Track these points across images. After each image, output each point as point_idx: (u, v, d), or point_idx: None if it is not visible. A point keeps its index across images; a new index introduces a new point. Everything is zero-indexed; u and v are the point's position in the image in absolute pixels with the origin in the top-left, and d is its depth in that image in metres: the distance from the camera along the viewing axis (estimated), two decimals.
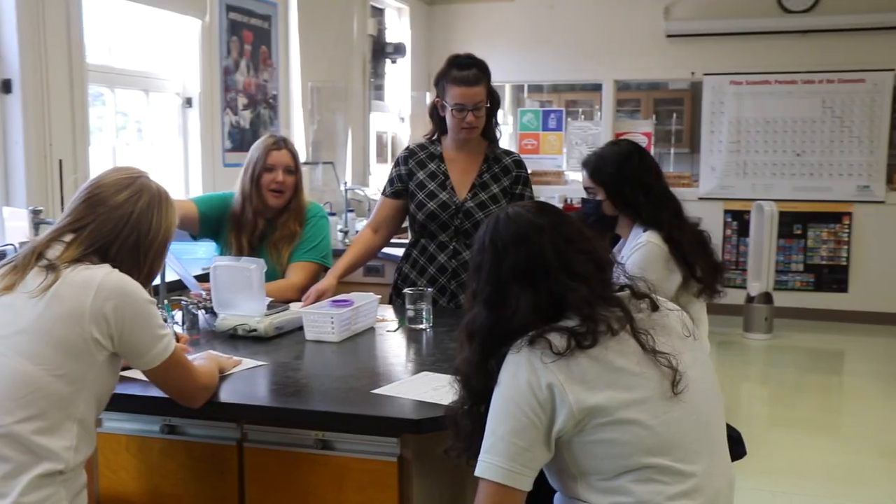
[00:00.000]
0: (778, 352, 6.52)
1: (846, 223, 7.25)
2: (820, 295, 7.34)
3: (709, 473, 1.56)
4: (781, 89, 7.25)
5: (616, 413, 1.50)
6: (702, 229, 2.67)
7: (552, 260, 1.59)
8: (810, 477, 4.01)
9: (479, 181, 3.03)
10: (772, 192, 7.28)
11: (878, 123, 7.10)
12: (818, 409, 5.25)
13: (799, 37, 7.15)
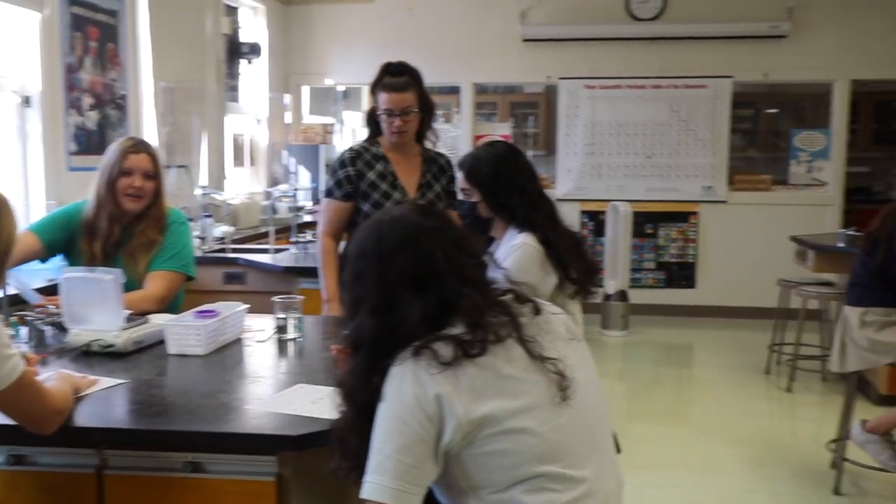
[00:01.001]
0: (634, 347, 6.76)
1: (693, 222, 7.60)
2: (671, 291, 7.66)
3: (599, 476, 1.54)
4: (632, 94, 7.53)
5: (505, 422, 1.46)
6: (575, 231, 2.71)
7: (441, 264, 1.53)
8: (671, 468, 4.15)
9: (424, 181, 3.16)
10: (625, 192, 7.54)
11: (720, 127, 7.48)
12: (673, 402, 5.46)
13: (647, 43, 7.45)
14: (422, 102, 3.08)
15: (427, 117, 3.15)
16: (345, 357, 1.61)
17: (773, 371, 5.80)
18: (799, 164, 7.62)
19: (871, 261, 3.64)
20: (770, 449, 4.40)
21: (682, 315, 7.57)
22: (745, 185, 7.66)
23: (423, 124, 3.14)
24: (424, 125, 3.16)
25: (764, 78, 7.48)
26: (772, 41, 7.30)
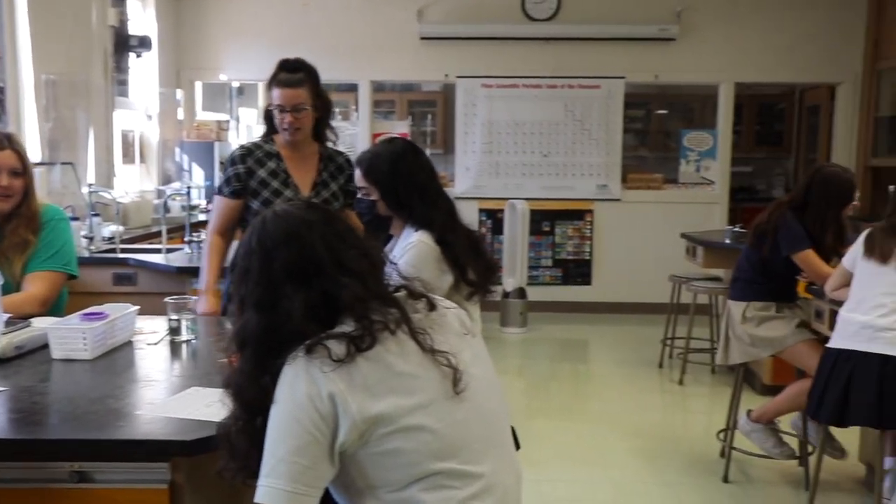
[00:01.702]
0: (532, 344, 6.85)
1: (588, 220, 7.76)
2: (567, 288, 7.81)
3: (497, 471, 1.54)
4: (529, 93, 7.63)
5: (401, 420, 1.44)
6: (474, 230, 2.70)
7: (324, 256, 1.52)
8: (569, 462, 4.22)
9: (320, 179, 3.11)
10: (522, 191, 7.63)
11: (613, 127, 7.66)
12: (571, 397, 5.56)
13: (543, 43, 7.56)
14: (316, 100, 3.04)
15: (324, 115, 3.11)
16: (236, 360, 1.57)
17: (665, 364, 5.98)
18: (688, 164, 7.88)
19: (757, 254, 3.79)
20: (663, 440, 4.53)
21: (579, 311, 7.72)
22: (638, 184, 7.87)
23: (320, 122, 3.09)
24: (322, 123, 3.11)
25: (654, 79, 7.70)
26: (661, 43, 7.52)
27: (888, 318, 2.83)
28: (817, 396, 3.00)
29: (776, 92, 9.80)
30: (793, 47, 7.52)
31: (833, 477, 3.93)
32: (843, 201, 3.61)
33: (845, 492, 3.80)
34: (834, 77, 7.67)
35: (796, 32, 7.51)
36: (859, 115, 7.63)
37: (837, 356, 2.94)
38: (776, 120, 10.10)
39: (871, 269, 2.94)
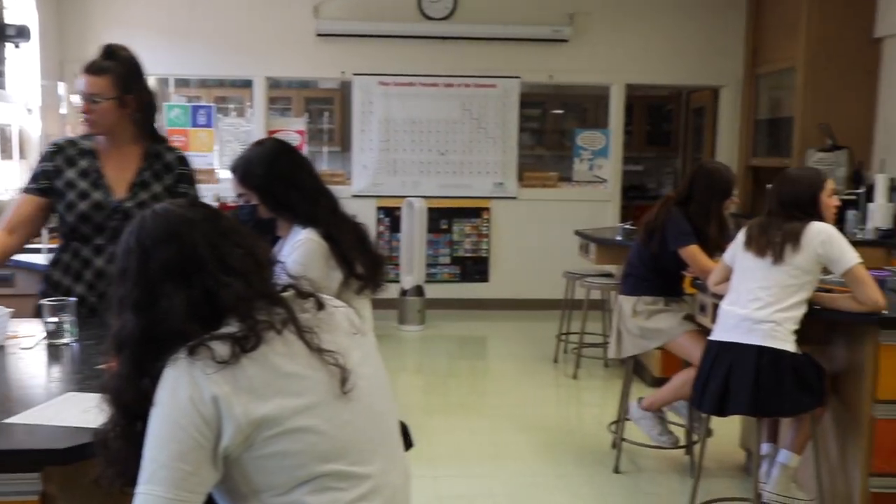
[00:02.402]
0: (430, 341, 6.86)
1: (486, 218, 7.83)
2: (465, 285, 7.86)
3: (385, 472, 1.53)
4: (426, 91, 7.64)
5: (287, 422, 1.41)
6: (360, 223, 2.66)
7: (206, 254, 1.47)
8: (467, 458, 4.25)
9: (139, 179, 2.80)
10: (420, 189, 7.64)
11: (509, 126, 7.76)
12: (468, 393, 5.60)
13: (439, 42, 7.59)
14: (125, 94, 2.73)
15: (145, 112, 2.81)
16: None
17: (560, 359, 6.08)
18: (582, 162, 8.04)
19: (646, 250, 3.90)
20: (558, 433, 4.61)
21: (477, 308, 7.79)
22: (534, 182, 7.99)
23: (145, 119, 2.81)
24: (147, 119, 2.82)
25: (549, 79, 7.83)
26: (555, 44, 7.65)
27: (764, 310, 2.95)
28: (700, 387, 3.10)
29: (665, 94, 10.11)
30: (679, 51, 7.78)
31: (716, 464, 4.08)
32: (724, 194, 3.78)
33: (728, 477, 3.95)
34: (717, 80, 7.97)
35: (682, 37, 7.76)
36: (740, 117, 7.95)
37: (718, 348, 3.05)
38: (665, 120, 10.42)
39: (749, 264, 3.06)
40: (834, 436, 3.26)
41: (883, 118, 6.77)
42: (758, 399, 2.92)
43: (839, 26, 6.74)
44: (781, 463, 3.17)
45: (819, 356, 3.18)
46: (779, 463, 3.18)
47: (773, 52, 7.47)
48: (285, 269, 1.65)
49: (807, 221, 2.98)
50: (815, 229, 2.96)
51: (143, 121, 2.81)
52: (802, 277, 2.94)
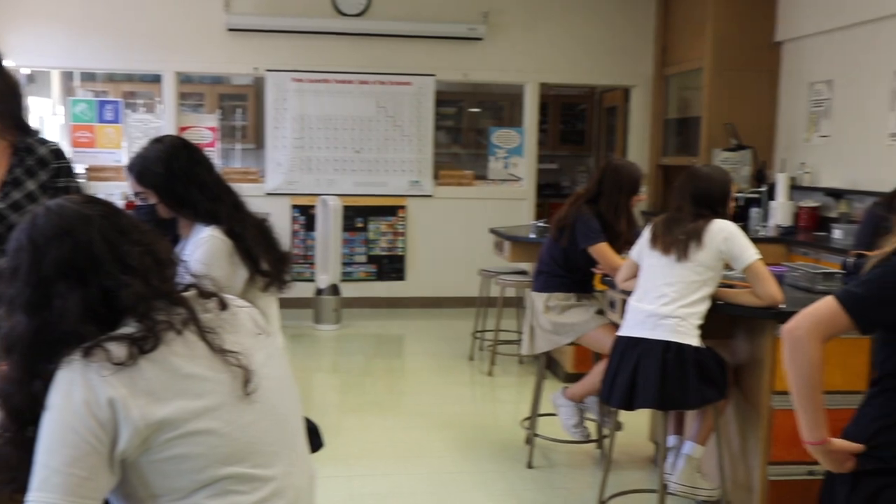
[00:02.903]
0: (346, 340, 6.82)
1: (401, 216, 7.82)
2: (381, 284, 7.84)
3: (289, 473, 1.51)
4: (340, 88, 7.59)
5: (186, 425, 1.38)
6: (264, 219, 2.61)
7: (102, 252, 1.43)
8: (382, 457, 4.23)
9: (10, 178, 2.55)
10: (335, 187, 7.58)
11: (425, 124, 7.77)
12: (385, 391, 5.58)
13: (354, 39, 7.54)
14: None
15: (12, 101, 2.55)
16: None
17: (476, 357, 6.12)
18: (497, 161, 8.11)
19: (558, 247, 3.96)
20: (473, 430, 4.64)
21: (393, 307, 7.77)
22: (450, 180, 8.01)
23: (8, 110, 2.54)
24: (11, 110, 2.55)
25: (464, 77, 7.87)
26: (470, 43, 7.69)
27: (669, 306, 3.03)
28: (609, 382, 3.16)
29: (578, 93, 10.28)
30: (591, 51, 7.91)
31: (626, 457, 4.17)
32: (632, 190, 3.87)
33: (637, 469, 4.04)
34: (628, 80, 8.14)
35: (595, 37, 7.90)
36: (650, 116, 8.14)
37: (626, 343, 3.12)
38: (579, 119, 10.59)
39: (655, 261, 3.13)
40: (736, 427, 3.37)
41: (783, 119, 7.03)
42: (664, 393, 2.99)
43: (742, 30, 6.96)
44: (686, 454, 3.25)
45: (722, 350, 3.27)
46: (684, 454, 3.26)
47: (681, 54, 7.67)
48: (188, 269, 1.61)
49: (710, 219, 3.06)
50: (718, 227, 3.05)
51: (7, 112, 2.53)
52: (706, 274, 3.03)
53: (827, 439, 2.00)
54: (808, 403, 2.00)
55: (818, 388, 1.99)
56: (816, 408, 2.00)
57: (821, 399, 2.01)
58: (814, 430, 2.01)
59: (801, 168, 6.58)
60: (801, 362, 1.99)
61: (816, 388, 1.99)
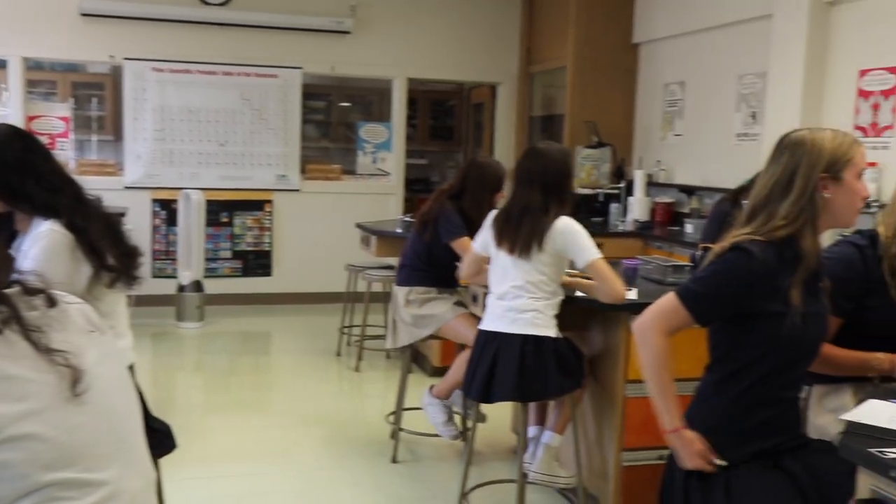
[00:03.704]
0: (211, 339, 6.64)
1: (268, 210, 7.68)
2: (247, 280, 7.67)
3: (123, 476, 1.44)
4: (203, 79, 7.37)
5: (7, 430, 1.30)
6: (111, 212, 2.49)
7: None
8: (246, 457, 4.14)
9: None
10: (198, 180, 7.36)
11: (291, 117, 7.65)
12: (251, 390, 5.47)
13: (217, 29, 7.34)
14: None
15: None
16: None
17: (343, 353, 6.08)
18: (365, 155, 8.08)
19: (421, 242, 3.97)
20: (340, 426, 4.61)
21: (260, 303, 7.62)
22: (317, 175, 7.92)
23: None
24: None
25: (331, 71, 7.79)
26: (338, 36, 7.62)
27: (525, 301, 3.06)
28: (470, 375, 3.20)
29: (447, 89, 10.35)
30: (459, 47, 7.99)
31: (490, 448, 4.24)
32: (495, 187, 3.91)
33: (500, 460, 4.11)
34: (494, 77, 8.27)
35: (462, 34, 7.98)
36: (516, 113, 8.30)
37: (486, 337, 3.15)
38: (448, 115, 10.68)
39: (504, 260, 3.11)
40: (592, 416, 3.48)
41: (641, 118, 7.31)
42: (523, 385, 3.04)
43: (602, 31, 7.19)
44: (545, 443, 3.33)
45: (579, 341, 3.37)
46: (543, 444, 3.34)
47: (545, 52, 7.85)
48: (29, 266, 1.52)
49: (554, 214, 3.06)
50: (559, 227, 3.04)
51: None
52: (553, 269, 3.07)
53: (680, 428, 2.09)
54: (660, 392, 2.10)
55: (668, 377, 2.09)
56: (668, 397, 2.09)
57: (672, 388, 2.10)
58: (665, 418, 2.10)
59: (657, 165, 6.85)
60: (649, 354, 2.08)
61: (666, 378, 2.09)
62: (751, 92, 5.88)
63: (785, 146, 2.09)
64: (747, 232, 2.06)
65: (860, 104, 4.93)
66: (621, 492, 3.28)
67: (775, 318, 2.02)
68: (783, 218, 2.03)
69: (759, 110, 5.73)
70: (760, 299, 2.02)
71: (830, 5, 5.11)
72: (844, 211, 2.07)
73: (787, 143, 2.10)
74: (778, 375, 2.09)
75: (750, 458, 2.08)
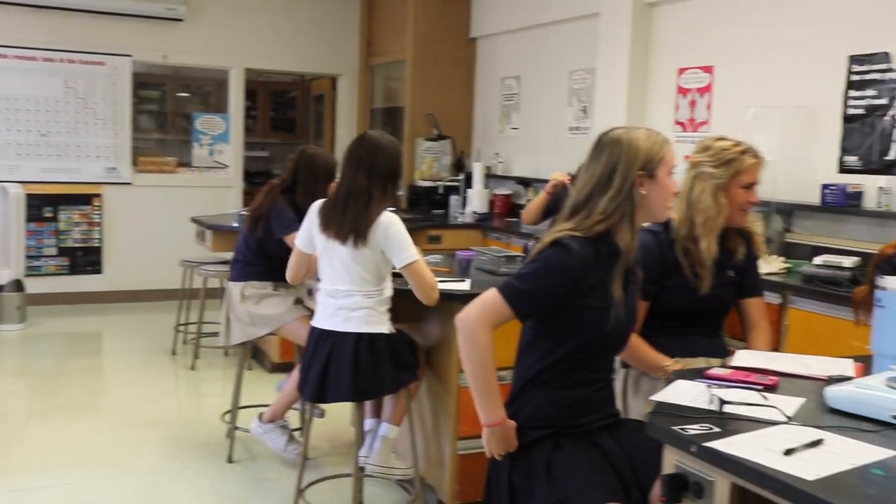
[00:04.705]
0: (34, 341, 6.26)
1: (97, 205, 7.31)
2: (75, 278, 7.28)
3: None
4: (22, 65, 6.93)
5: None
6: None
7: None
8: (75, 464, 3.92)
9: None
10: (17, 173, 6.92)
11: (121, 107, 7.31)
12: (80, 394, 5.18)
13: (37, 12, 6.90)
14: None
15: None
16: None
17: (179, 351, 5.88)
18: (201, 147, 7.83)
19: (253, 236, 3.89)
20: (176, 427, 4.46)
21: (89, 302, 7.24)
22: (150, 167, 7.62)
23: None
24: None
25: (163, 59, 7.51)
26: (170, 23, 7.34)
27: (356, 298, 3.03)
28: (304, 374, 3.15)
29: (288, 80, 10.18)
30: (299, 38, 7.88)
31: (329, 443, 4.22)
32: (328, 177, 3.86)
33: (339, 454, 4.08)
34: (335, 69, 8.21)
35: (302, 24, 7.87)
36: (358, 105, 8.26)
37: (319, 335, 3.11)
38: (289, 107, 10.51)
39: (333, 259, 3.05)
40: (429, 406, 3.52)
41: (479, 111, 7.45)
42: (357, 384, 3.02)
43: (441, 25, 7.27)
44: (381, 436, 3.34)
45: (415, 333, 3.39)
46: (379, 436, 3.34)
47: (385, 45, 7.86)
48: None
49: (378, 210, 3.01)
50: (384, 222, 3.00)
51: None
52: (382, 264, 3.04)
53: (504, 419, 2.14)
54: (484, 387, 2.13)
55: (492, 371, 2.13)
56: (492, 390, 2.14)
57: (495, 382, 2.14)
58: (490, 412, 2.14)
59: (496, 158, 7.00)
60: (472, 349, 2.12)
61: (490, 372, 2.13)
62: (581, 87, 6.10)
63: (604, 144, 2.18)
64: (568, 228, 2.13)
65: (679, 101, 5.21)
66: (458, 480, 3.33)
67: (592, 312, 2.11)
68: (601, 213, 2.12)
69: (590, 105, 5.96)
70: (579, 294, 2.09)
71: (651, 6, 5.37)
72: (658, 206, 2.19)
73: (606, 141, 2.18)
74: (591, 362, 2.19)
75: (564, 437, 2.15)
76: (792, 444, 1.62)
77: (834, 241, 4.17)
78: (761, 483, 1.53)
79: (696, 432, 1.73)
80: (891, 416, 1.76)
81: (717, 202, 2.66)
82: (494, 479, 2.25)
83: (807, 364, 2.27)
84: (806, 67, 4.41)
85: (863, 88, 4.12)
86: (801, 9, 4.46)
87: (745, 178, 2.71)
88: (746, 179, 2.71)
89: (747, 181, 2.71)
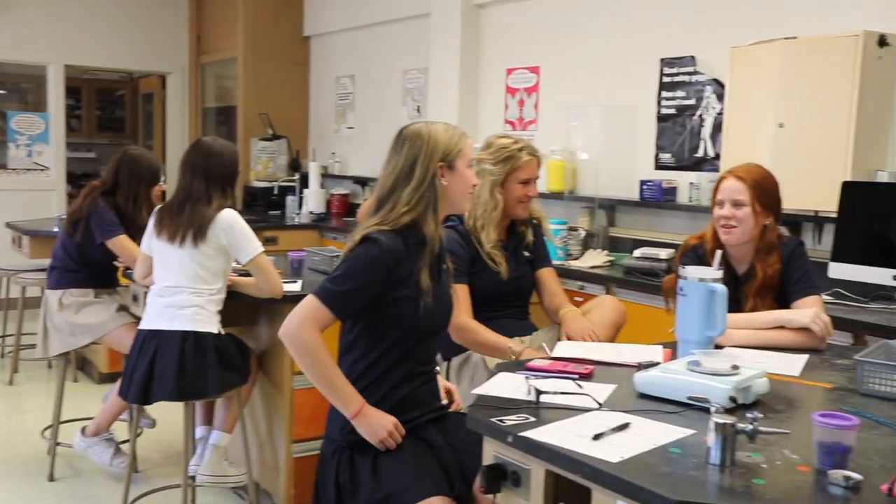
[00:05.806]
0: None
1: None
2: None
3: None
4: None
5: None
6: None
7: None
8: None
9: None
10: None
11: None
12: None
13: None
14: None
15: None
16: None
17: None
18: (18, 148, 7.35)
19: (72, 241, 3.70)
20: None
21: None
22: None
23: None
24: None
25: None
26: None
27: (185, 296, 2.96)
28: (128, 376, 3.02)
29: (115, 78, 9.74)
30: (123, 35, 7.54)
31: (160, 454, 4.06)
32: (151, 180, 3.75)
33: (171, 465, 3.92)
34: (163, 67, 7.92)
35: (126, 21, 7.54)
36: (189, 104, 8.00)
37: (145, 336, 3.00)
38: (117, 106, 10.06)
39: (167, 254, 3.02)
40: (263, 411, 3.45)
41: (315, 110, 7.38)
42: (182, 384, 2.93)
43: (273, 23, 7.15)
44: (212, 444, 3.25)
45: (246, 337, 3.32)
46: (210, 444, 3.25)
47: (216, 42, 7.65)
48: None
49: (217, 207, 3.02)
50: (222, 219, 2.99)
51: None
52: (215, 263, 3.00)
53: (363, 404, 2.13)
54: (331, 384, 2.13)
55: (332, 366, 2.13)
56: (340, 384, 2.13)
57: (339, 374, 2.14)
58: (348, 405, 2.13)
59: (332, 157, 6.96)
60: (304, 353, 2.10)
61: (331, 368, 2.12)
62: (415, 86, 6.16)
63: (405, 137, 2.22)
64: (375, 223, 2.16)
65: (508, 100, 5.36)
66: (293, 484, 3.29)
67: (406, 303, 2.14)
68: (405, 204, 2.16)
69: (424, 104, 6.03)
70: (392, 286, 2.12)
71: (480, 7, 5.50)
72: (458, 197, 2.25)
73: (406, 134, 2.22)
74: (411, 355, 2.21)
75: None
76: (601, 429, 1.69)
77: (653, 235, 4.42)
78: (571, 468, 1.60)
79: (513, 423, 1.78)
80: (687, 397, 1.88)
81: (494, 196, 2.93)
82: (322, 480, 2.24)
83: (621, 352, 2.39)
84: (625, 69, 4.64)
85: (673, 90, 4.37)
86: (620, 12, 4.69)
87: (522, 174, 2.96)
88: (523, 175, 2.97)
89: (524, 177, 2.97)
